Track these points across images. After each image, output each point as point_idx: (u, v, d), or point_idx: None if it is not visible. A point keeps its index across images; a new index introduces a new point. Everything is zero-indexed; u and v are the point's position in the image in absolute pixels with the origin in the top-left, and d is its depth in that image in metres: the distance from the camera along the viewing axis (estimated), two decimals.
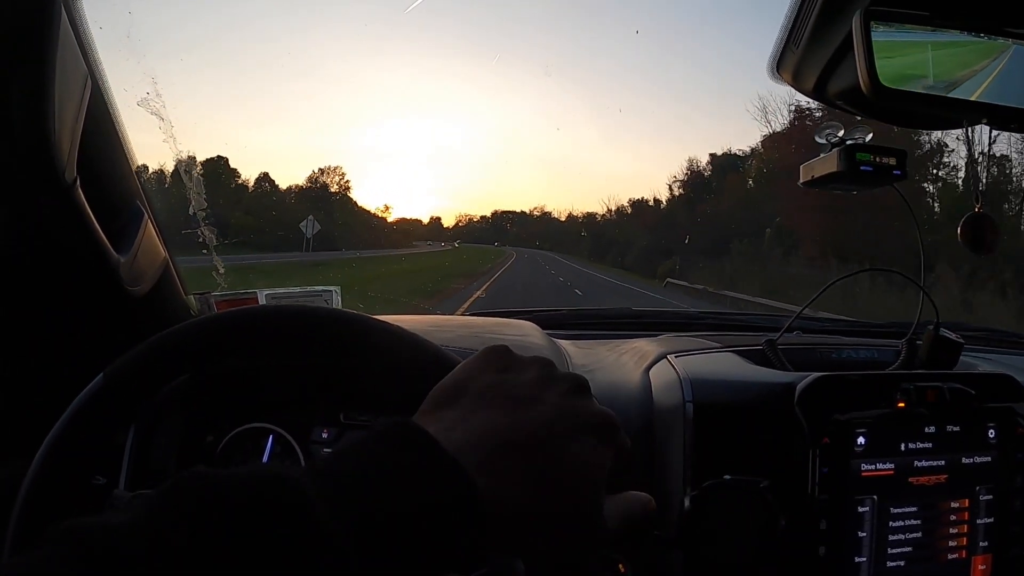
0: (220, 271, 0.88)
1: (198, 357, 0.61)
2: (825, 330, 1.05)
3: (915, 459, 0.67)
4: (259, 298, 0.87)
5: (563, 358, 0.82)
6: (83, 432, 0.61)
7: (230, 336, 0.61)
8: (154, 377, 0.62)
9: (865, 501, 0.65)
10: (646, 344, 0.84)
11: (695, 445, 0.64)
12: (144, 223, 0.77)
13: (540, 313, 1.10)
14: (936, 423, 0.67)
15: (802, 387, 0.65)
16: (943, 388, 0.67)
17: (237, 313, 0.62)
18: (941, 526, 0.67)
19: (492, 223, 69.69)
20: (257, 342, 0.62)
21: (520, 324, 0.92)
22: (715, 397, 0.66)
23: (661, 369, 0.73)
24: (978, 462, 0.69)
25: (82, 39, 0.67)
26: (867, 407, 0.66)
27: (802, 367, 0.73)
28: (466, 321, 0.92)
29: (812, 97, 0.69)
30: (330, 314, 0.60)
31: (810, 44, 0.66)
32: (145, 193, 0.80)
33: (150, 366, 0.61)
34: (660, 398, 0.70)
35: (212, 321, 0.60)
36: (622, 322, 1.10)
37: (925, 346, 0.74)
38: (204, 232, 0.86)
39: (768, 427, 0.65)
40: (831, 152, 0.71)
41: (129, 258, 0.74)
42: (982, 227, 0.65)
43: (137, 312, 0.78)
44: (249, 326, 0.59)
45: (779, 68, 0.70)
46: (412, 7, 61.98)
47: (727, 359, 0.75)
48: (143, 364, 0.60)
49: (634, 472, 0.68)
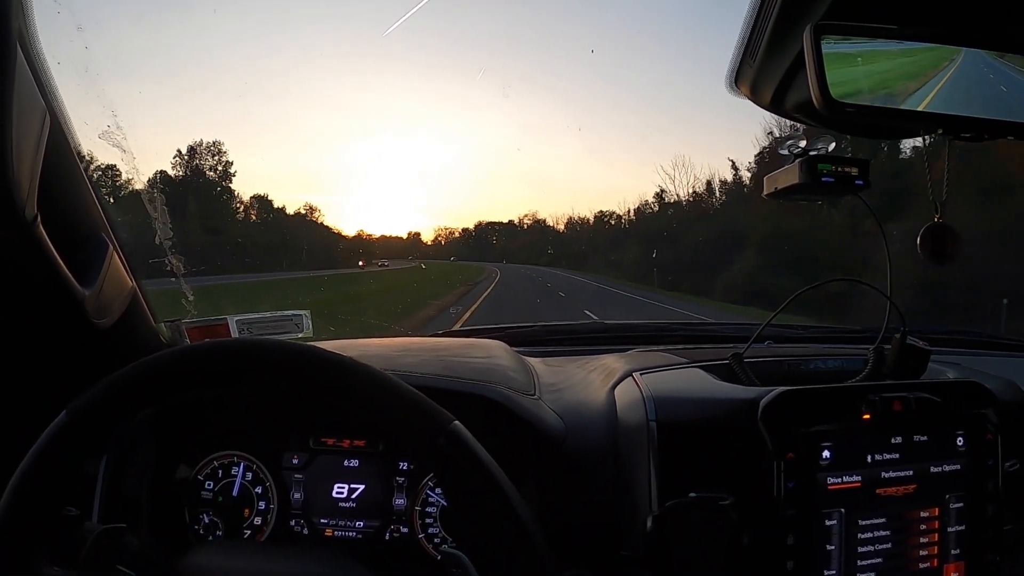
0: (189, 298, 0.88)
1: (160, 392, 0.60)
2: (797, 338, 1.05)
3: (882, 470, 0.67)
4: (230, 325, 0.87)
5: (531, 377, 0.83)
6: (49, 468, 0.61)
7: (195, 370, 0.60)
8: (117, 412, 0.62)
9: (833, 514, 0.65)
10: (614, 361, 0.84)
11: (660, 464, 0.64)
12: (109, 255, 0.77)
13: (512, 330, 1.10)
14: (903, 433, 0.67)
15: (765, 403, 0.65)
16: (909, 398, 0.67)
17: (200, 349, 0.61)
18: (911, 536, 0.67)
19: (475, 236, 63.59)
20: (225, 379, 0.62)
21: (488, 344, 0.92)
22: (679, 415, 0.66)
23: (626, 388, 0.73)
24: (947, 470, 0.69)
25: (39, 75, 0.67)
26: (832, 420, 0.66)
27: (770, 380, 0.73)
28: (434, 344, 0.92)
29: (770, 110, 0.69)
30: (303, 353, 0.58)
31: (766, 57, 0.66)
32: (110, 223, 0.79)
33: (112, 401, 0.60)
34: (625, 417, 0.70)
35: (175, 356, 0.59)
36: (594, 336, 1.10)
37: (892, 354, 0.74)
38: (171, 261, 0.86)
39: (733, 443, 0.65)
40: (793, 163, 0.71)
41: (95, 291, 0.73)
42: (942, 238, 0.65)
43: (106, 343, 0.78)
44: (214, 364, 0.59)
45: (737, 82, 0.70)
46: (390, 30, 61.29)
47: (692, 375, 0.75)
48: (105, 399, 0.60)
49: (600, 492, 0.69)
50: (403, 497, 0.75)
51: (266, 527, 0.77)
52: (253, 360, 0.58)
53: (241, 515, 0.77)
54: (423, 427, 0.51)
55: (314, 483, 0.77)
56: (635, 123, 75.46)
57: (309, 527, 0.76)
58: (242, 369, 0.59)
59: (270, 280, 13.29)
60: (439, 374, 0.73)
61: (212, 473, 0.78)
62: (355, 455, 0.77)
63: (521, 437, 0.70)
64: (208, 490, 0.78)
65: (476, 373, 0.75)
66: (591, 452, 0.70)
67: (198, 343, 0.61)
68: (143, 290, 0.85)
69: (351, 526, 0.76)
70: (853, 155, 0.71)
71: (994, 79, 0.64)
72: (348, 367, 0.54)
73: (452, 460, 0.51)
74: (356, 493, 0.76)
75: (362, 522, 0.76)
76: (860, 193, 0.72)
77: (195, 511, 0.78)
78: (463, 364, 0.79)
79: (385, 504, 0.75)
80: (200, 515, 0.77)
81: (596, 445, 0.70)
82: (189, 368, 0.60)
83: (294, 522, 0.77)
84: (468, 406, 0.71)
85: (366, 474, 0.77)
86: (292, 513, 0.77)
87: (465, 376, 0.74)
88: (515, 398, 0.72)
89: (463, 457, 0.50)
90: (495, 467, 0.51)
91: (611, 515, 0.67)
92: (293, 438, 0.77)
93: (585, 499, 0.68)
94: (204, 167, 30.30)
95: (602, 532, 0.67)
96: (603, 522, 0.67)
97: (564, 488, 0.69)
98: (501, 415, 0.70)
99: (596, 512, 0.68)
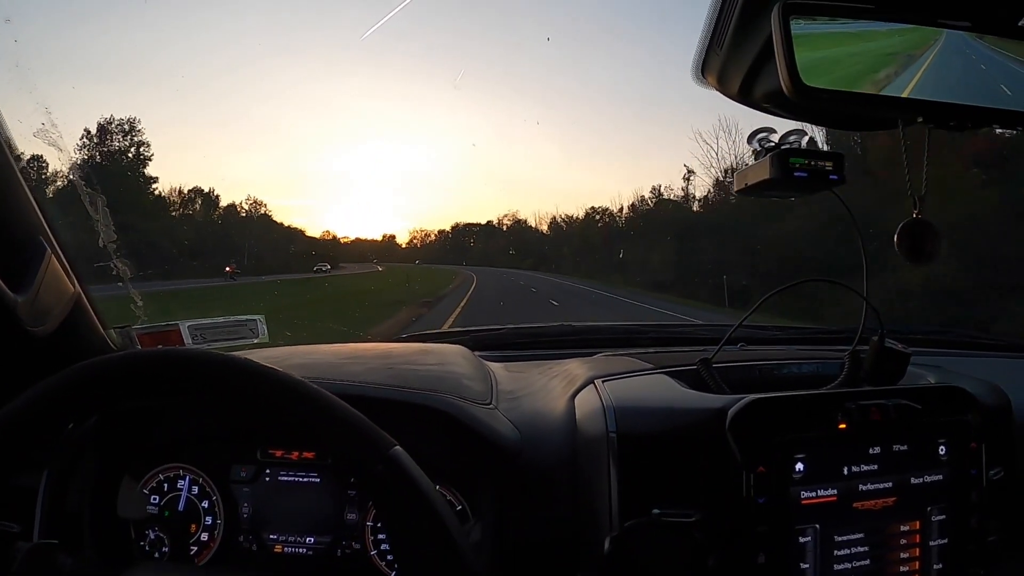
0: (138, 303, 0.84)
1: (80, 404, 0.56)
2: (771, 339, 1.01)
3: (860, 482, 0.63)
4: (182, 330, 0.83)
5: (489, 383, 0.79)
6: None
7: (121, 381, 0.57)
8: (36, 423, 0.58)
9: (807, 531, 0.61)
10: (577, 366, 0.80)
11: (621, 477, 0.60)
12: (47, 258, 0.73)
13: (477, 334, 1.06)
14: (881, 442, 0.64)
15: (734, 412, 0.61)
16: (888, 405, 0.63)
17: (128, 358, 0.57)
18: (891, 551, 0.64)
19: (452, 239, 59.30)
20: (158, 390, 0.58)
21: (443, 351, 0.88)
22: (641, 426, 0.62)
23: (587, 396, 0.69)
24: (929, 481, 0.65)
25: None
26: (806, 429, 0.62)
27: (740, 386, 0.69)
28: (386, 350, 0.88)
29: (738, 101, 0.65)
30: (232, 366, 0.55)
31: (733, 45, 0.62)
32: (50, 226, 0.75)
33: (30, 412, 0.56)
34: (584, 427, 0.66)
35: (92, 367, 0.55)
36: (561, 340, 1.06)
37: (869, 358, 0.70)
38: (117, 265, 0.82)
39: (700, 456, 0.61)
40: (764, 158, 0.67)
41: (29, 296, 0.70)
42: (921, 235, 0.61)
43: (48, 351, 0.74)
44: (140, 376, 0.55)
45: (704, 72, 0.66)
46: (370, 32, 60.46)
47: (657, 382, 0.71)
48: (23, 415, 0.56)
49: (558, 507, 0.65)
50: (355, 511, 0.71)
51: (213, 543, 0.73)
52: (187, 372, 0.54)
53: (188, 530, 0.73)
54: (362, 452, 0.49)
55: (262, 497, 0.73)
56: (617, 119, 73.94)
57: (258, 543, 0.72)
58: (176, 379, 0.55)
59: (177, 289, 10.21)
60: (385, 384, 0.69)
61: (158, 487, 0.75)
62: (304, 467, 0.73)
63: (473, 449, 0.66)
64: (153, 504, 0.74)
65: (425, 382, 0.71)
66: (548, 465, 0.66)
67: (124, 352, 0.57)
68: (89, 295, 0.81)
69: (301, 542, 0.72)
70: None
71: (978, 63, 0.59)
72: (287, 385, 0.51)
73: (390, 487, 0.48)
74: (306, 507, 0.72)
75: (312, 538, 0.72)
76: (834, 188, 0.68)
77: (141, 527, 0.74)
78: (413, 372, 0.75)
79: (336, 518, 0.71)
80: (146, 531, 0.74)
81: (554, 458, 0.66)
82: (115, 378, 0.56)
83: (242, 538, 0.73)
84: (415, 417, 0.67)
85: (316, 487, 0.73)
86: (241, 528, 0.73)
87: (414, 385, 0.70)
88: (466, 408, 0.68)
89: (402, 484, 0.48)
90: (435, 496, 0.49)
91: (570, 534, 0.63)
92: (240, 450, 0.73)
93: (542, 515, 0.64)
94: (115, 150, 27.05)
95: (560, 551, 0.63)
96: (561, 540, 0.63)
97: (519, 503, 0.65)
98: (450, 426, 0.66)
99: (553, 530, 0.64)
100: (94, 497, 0.72)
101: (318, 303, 13.24)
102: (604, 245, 30.24)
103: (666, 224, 24.02)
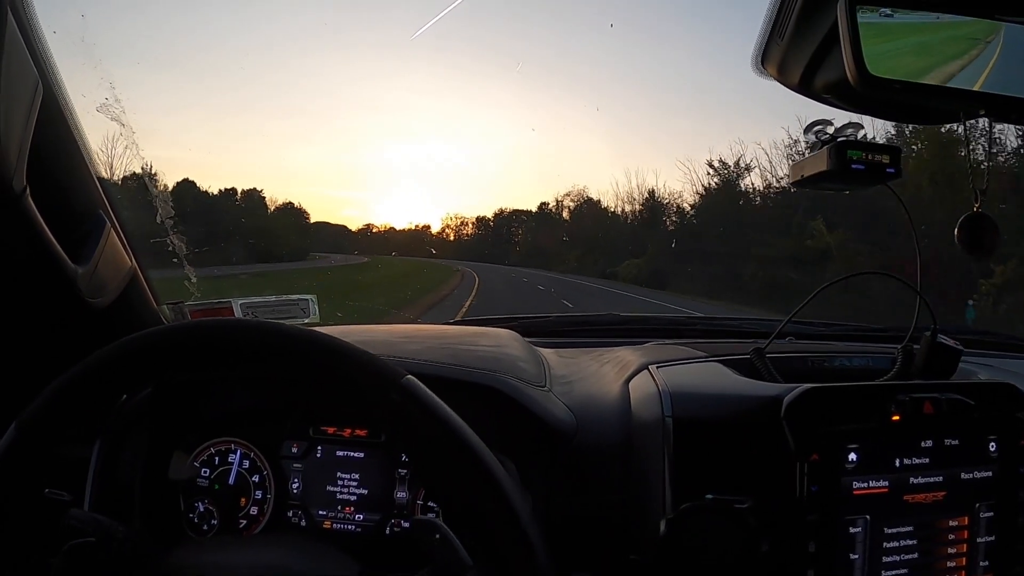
0: (192, 280, 0.86)
1: (133, 378, 0.56)
2: (820, 335, 1.01)
3: (911, 475, 0.63)
4: (234, 307, 0.85)
5: (542, 368, 0.79)
6: (28, 448, 0.58)
7: (162, 352, 0.56)
8: (91, 397, 0.57)
9: (857, 521, 0.61)
10: (629, 353, 0.80)
11: (675, 462, 0.61)
12: (107, 232, 0.74)
13: (525, 320, 1.06)
14: (933, 436, 0.64)
15: (789, 400, 0.61)
16: (940, 399, 0.63)
17: (164, 331, 0.57)
18: (939, 546, 0.63)
19: (493, 229, 42.57)
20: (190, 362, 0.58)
21: (498, 333, 0.89)
22: (696, 411, 0.63)
23: (641, 381, 0.70)
24: (978, 477, 0.65)
25: (32, 44, 0.64)
26: (859, 420, 0.62)
27: (792, 377, 0.69)
28: (441, 331, 0.89)
29: (798, 91, 0.65)
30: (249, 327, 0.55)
31: (795, 36, 0.62)
32: (110, 202, 0.77)
33: (84, 388, 0.56)
34: (639, 412, 0.67)
35: (142, 340, 0.55)
36: (609, 329, 1.07)
37: (922, 353, 0.70)
38: (173, 241, 0.83)
39: (754, 443, 0.61)
40: (821, 150, 0.67)
41: (89, 268, 0.71)
42: (981, 228, 0.61)
43: (104, 323, 0.76)
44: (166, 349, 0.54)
45: (764, 62, 0.66)
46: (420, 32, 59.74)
47: (712, 369, 0.71)
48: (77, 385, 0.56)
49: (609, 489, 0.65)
50: (405, 490, 0.72)
51: (262, 517, 0.74)
52: (201, 340, 0.53)
53: (237, 504, 0.75)
54: (374, 384, 0.47)
55: (313, 473, 0.74)
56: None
57: (307, 519, 0.73)
58: (196, 349, 0.54)
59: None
60: (443, 362, 0.70)
61: (208, 460, 0.76)
62: (356, 445, 0.74)
63: (529, 430, 0.67)
64: (204, 478, 0.76)
65: (483, 362, 0.72)
66: (602, 448, 0.66)
67: (172, 324, 0.58)
68: (144, 270, 0.83)
69: (350, 519, 0.73)
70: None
71: None
72: (288, 335, 0.50)
73: (408, 416, 0.47)
74: (356, 485, 0.73)
75: (362, 515, 0.73)
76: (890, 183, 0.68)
77: (191, 499, 0.75)
78: (470, 352, 0.76)
79: (386, 497, 0.72)
80: (195, 503, 0.75)
81: (608, 441, 0.66)
82: (165, 349, 0.56)
83: (292, 513, 0.74)
84: (473, 396, 0.68)
85: (367, 465, 0.74)
86: (290, 504, 0.74)
87: (471, 365, 0.71)
88: (523, 389, 0.68)
89: (419, 411, 0.46)
90: (455, 419, 0.47)
91: (621, 516, 0.64)
92: (293, 426, 0.75)
93: (594, 498, 0.65)
94: None
95: (611, 534, 0.64)
96: (612, 523, 0.64)
97: (572, 485, 0.65)
98: (508, 407, 0.67)
99: (605, 512, 0.65)
100: (146, 468, 0.73)
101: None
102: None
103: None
